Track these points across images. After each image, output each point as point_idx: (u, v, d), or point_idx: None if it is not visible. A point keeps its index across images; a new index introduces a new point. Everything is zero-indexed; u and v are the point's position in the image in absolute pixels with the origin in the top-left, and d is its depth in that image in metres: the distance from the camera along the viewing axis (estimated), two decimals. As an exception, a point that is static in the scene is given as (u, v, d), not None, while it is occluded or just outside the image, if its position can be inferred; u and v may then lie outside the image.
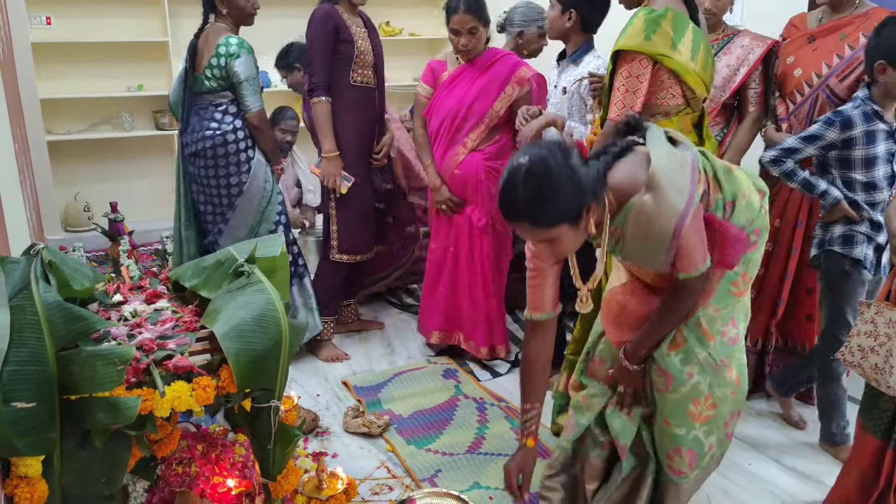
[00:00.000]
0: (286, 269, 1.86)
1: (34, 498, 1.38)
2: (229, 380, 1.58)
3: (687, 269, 1.74)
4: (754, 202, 1.85)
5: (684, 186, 1.68)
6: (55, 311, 1.45)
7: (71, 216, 5.14)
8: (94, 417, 1.43)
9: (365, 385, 3.06)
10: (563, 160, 1.65)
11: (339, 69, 3.14)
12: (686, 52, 2.21)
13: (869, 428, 2.07)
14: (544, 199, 1.63)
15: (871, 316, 2.01)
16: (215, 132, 2.99)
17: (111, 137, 5.19)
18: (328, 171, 3.18)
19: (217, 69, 2.95)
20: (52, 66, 4.93)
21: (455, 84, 3.11)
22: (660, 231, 1.68)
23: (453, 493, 2.24)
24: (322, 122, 3.15)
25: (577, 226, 1.66)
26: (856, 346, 2.05)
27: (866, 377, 2.03)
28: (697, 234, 1.72)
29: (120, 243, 3.95)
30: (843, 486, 2.18)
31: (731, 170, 1.85)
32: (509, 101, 3.05)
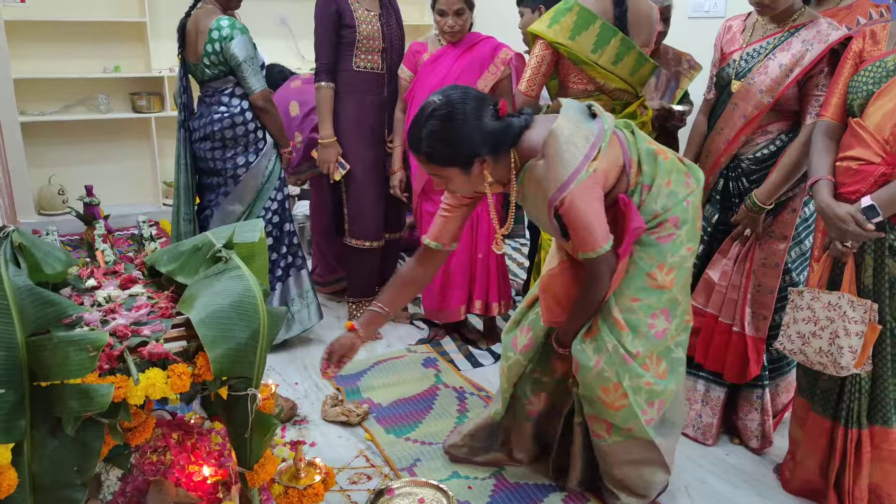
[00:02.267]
0: (265, 254, 1.82)
1: (3, 486, 1.34)
2: (205, 367, 1.54)
3: (583, 247, 1.84)
4: (677, 192, 1.93)
5: (573, 160, 1.77)
6: (25, 296, 1.41)
7: (45, 199, 5.04)
8: (65, 405, 1.39)
9: (344, 373, 3.03)
10: (472, 110, 1.78)
11: (342, 53, 3.15)
12: (586, 45, 2.43)
13: (817, 409, 2.14)
14: (439, 140, 1.78)
15: (808, 302, 2.07)
16: (223, 115, 2.99)
17: (87, 119, 5.09)
18: (324, 158, 3.23)
19: (214, 55, 2.91)
20: (26, 44, 4.82)
21: (437, 64, 3.09)
22: (543, 196, 1.80)
23: (432, 483, 2.23)
24: (322, 108, 3.18)
25: (469, 172, 1.82)
26: (794, 334, 2.11)
27: (809, 363, 2.09)
28: (590, 208, 1.79)
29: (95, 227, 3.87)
30: (803, 470, 2.24)
31: (656, 154, 1.94)
32: (493, 80, 3.04)
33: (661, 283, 1.93)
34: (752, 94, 2.30)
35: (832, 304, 2.01)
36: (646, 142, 1.98)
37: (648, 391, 1.97)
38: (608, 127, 1.86)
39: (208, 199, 3.15)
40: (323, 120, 3.20)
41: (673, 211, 1.92)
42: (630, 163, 1.91)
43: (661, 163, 1.94)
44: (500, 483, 2.31)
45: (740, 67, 2.35)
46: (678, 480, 2.35)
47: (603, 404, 1.98)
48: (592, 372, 1.95)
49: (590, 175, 1.78)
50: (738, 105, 2.34)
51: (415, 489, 2.22)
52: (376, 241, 3.40)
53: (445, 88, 1.85)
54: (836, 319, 2.00)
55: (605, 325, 1.95)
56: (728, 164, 2.41)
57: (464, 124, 1.78)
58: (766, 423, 2.48)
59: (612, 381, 1.94)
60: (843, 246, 1.97)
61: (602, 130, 1.84)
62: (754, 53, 2.33)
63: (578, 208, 1.79)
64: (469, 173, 1.83)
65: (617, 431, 2.03)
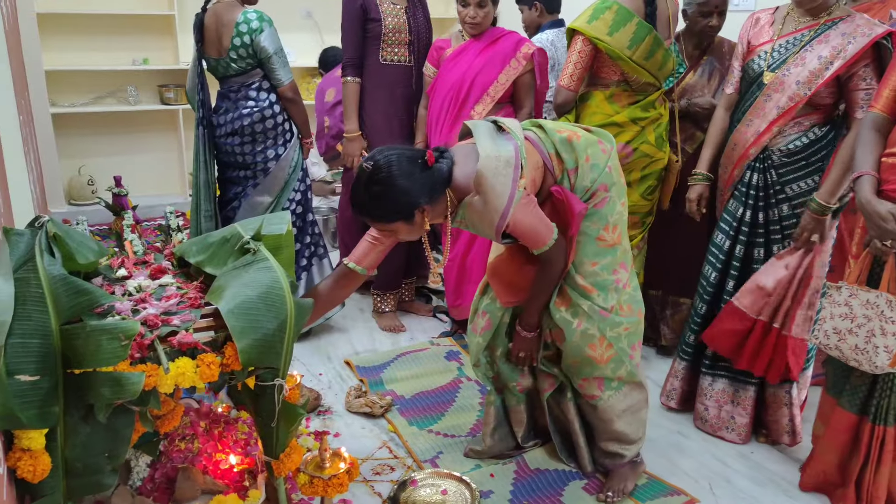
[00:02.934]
0: (291, 246, 1.84)
1: (37, 471, 1.37)
2: (234, 357, 1.56)
3: (536, 246, 2.02)
4: (598, 163, 2.08)
5: (505, 189, 1.92)
6: (59, 285, 1.43)
7: (75, 189, 5.12)
8: (97, 392, 1.42)
9: (368, 365, 3.05)
10: (405, 168, 1.91)
11: (369, 47, 3.16)
12: (623, 41, 2.60)
13: (844, 404, 2.13)
14: (381, 202, 1.92)
15: (846, 298, 2.05)
16: (253, 109, 3.01)
17: (116, 111, 5.16)
18: (348, 151, 3.26)
19: (243, 48, 2.92)
20: (58, 37, 4.88)
21: (459, 58, 3.08)
22: (489, 224, 1.96)
23: (455, 475, 2.24)
24: (347, 102, 3.20)
25: (412, 222, 1.95)
26: (830, 329, 2.09)
27: (845, 359, 2.07)
28: (531, 218, 1.97)
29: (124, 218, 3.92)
30: (820, 462, 2.25)
31: (569, 139, 2.08)
32: (515, 75, 3.03)
33: (610, 241, 2.11)
34: (787, 86, 2.27)
35: (870, 302, 1.99)
36: (556, 131, 2.10)
37: (628, 335, 2.17)
38: (520, 141, 2.00)
39: (234, 191, 3.18)
40: (348, 114, 3.21)
41: (599, 180, 2.08)
42: (549, 158, 2.07)
43: (576, 144, 2.08)
44: (521, 469, 2.32)
45: (773, 59, 2.32)
46: (702, 479, 2.34)
47: (592, 361, 2.15)
48: (577, 333, 2.12)
49: (522, 194, 1.94)
50: (771, 96, 2.31)
51: (438, 480, 2.23)
52: None
53: (378, 150, 1.97)
54: (873, 318, 1.98)
55: (575, 293, 2.12)
56: (757, 155, 2.38)
57: (401, 183, 1.90)
58: (795, 419, 2.46)
59: (596, 337, 2.12)
60: (882, 244, 1.94)
61: (517, 147, 1.98)
62: (788, 45, 2.30)
63: (523, 223, 1.97)
64: (412, 223, 1.96)
65: (608, 384, 2.20)
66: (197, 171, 3.11)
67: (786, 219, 2.37)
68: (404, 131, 3.30)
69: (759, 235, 2.41)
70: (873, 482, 2.09)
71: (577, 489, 2.24)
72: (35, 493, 1.42)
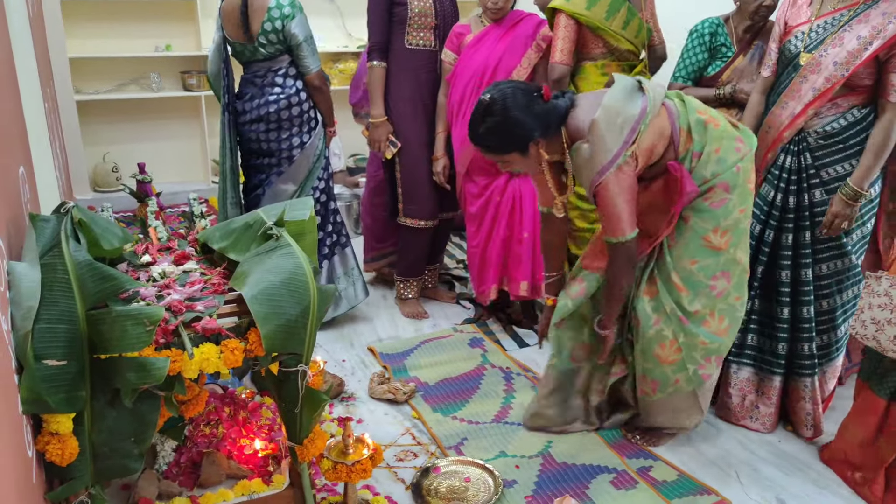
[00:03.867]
0: (314, 232, 1.83)
1: (65, 454, 1.38)
2: (257, 343, 1.56)
3: (608, 232, 2.04)
4: (727, 158, 2.04)
5: (613, 146, 1.95)
6: (85, 270, 1.44)
7: (99, 176, 5.16)
8: (123, 377, 1.43)
9: (391, 352, 3.05)
10: (521, 100, 1.99)
11: (395, 31, 3.14)
12: (600, 13, 2.77)
13: (875, 389, 2.13)
14: (496, 132, 2.02)
15: (885, 288, 2.03)
16: (279, 96, 3.00)
17: (139, 98, 5.18)
18: (374, 136, 3.24)
19: (273, 34, 2.91)
20: (81, 24, 4.91)
21: (480, 44, 3.05)
22: (587, 176, 2.01)
23: (478, 462, 2.24)
24: (373, 88, 3.18)
25: (526, 154, 2.05)
26: (869, 319, 2.07)
27: (882, 349, 2.06)
28: (620, 196, 1.97)
29: (148, 204, 3.95)
30: (843, 440, 2.26)
31: (706, 123, 2.06)
32: (536, 58, 3.00)
33: (716, 244, 2.08)
34: (824, 67, 2.21)
35: None
36: (696, 111, 2.08)
37: (704, 349, 2.17)
38: (651, 105, 2.00)
39: (258, 178, 3.17)
40: (374, 99, 3.19)
41: (723, 177, 2.04)
42: (678, 132, 2.05)
43: (712, 130, 2.05)
44: (547, 462, 2.30)
45: (810, 40, 2.25)
46: (729, 467, 2.31)
47: (656, 358, 2.20)
48: (652, 329, 2.16)
49: (626, 161, 1.96)
50: (807, 78, 2.25)
51: (461, 468, 2.23)
52: (430, 221, 3.35)
53: (494, 84, 2.07)
54: None
55: (665, 288, 2.14)
56: (792, 138, 2.32)
57: (516, 115, 1.99)
58: (815, 412, 2.42)
59: (668, 339, 2.16)
60: None
61: (644, 111, 1.98)
62: (826, 25, 2.23)
63: (610, 193, 1.97)
64: (527, 155, 2.06)
65: (663, 389, 2.26)
66: (223, 157, 3.10)
67: (817, 205, 2.31)
68: (430, 116, 3.26)
69: (789, 221, 2.36)
70: None
71: (605, 483, 2.21)
72: (63, 476, 1.44)
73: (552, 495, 2.14)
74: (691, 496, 2.16)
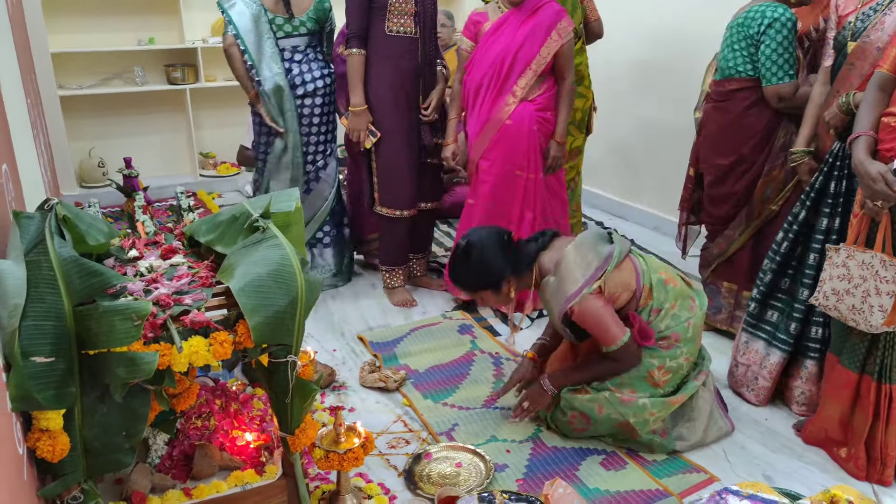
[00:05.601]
0: (301, 224, 1.84)
1: (56, 451, 1.39)
2: (246, 335, 1.57)
3: (604, 343, 2.18)
4: (680, 315, 2.24)
5: (578, 279, 2.16)
6: (71, 267, 1.44)
7: (86, 172, 5.14)
8: (112, 372, 1.43)
9: (381, 340, 3.06)
10: (493, 246, 2.28)
11: (374, 18, 3.11)
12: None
13: (844, 362, 2.17)
14: (472, 274, 2.33)
15: (843, 260, 2.08)
16: (324, 73, 3.33)
17: (123, 92, 5.15)
18: (354, 125, 3.20)
19: (320, 12, 3.28)
20: (63, 19, 4.86)
21: (499, 32, 3.02)
22: (556, 305, 2.20)
23: (469, 447, 2.26)
24: (352, 75, 3.15)
25: (498, 291, 2.32)
26: (829, 290, 2.13)
27: (843, 318, 2.11)
28: (601, 312, 2.15)
29: (135, 199, 3.95)
30: (821, 418, 2.29)
31: (665, 283, 2.25)
32: (556, 47, 2.99)
33: (656, 380, 2.24)
34: (868, 52, 2.20)
35: (865, 262, 2.02)
36: (657, 271, 2.28)
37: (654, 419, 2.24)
38: (618, 252, 2.21)
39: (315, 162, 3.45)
40: (353, 87, 3.15)
41: (675, 329, 2.22)
42: (642, 288, 2.23)
43: (671, 289, 2.25)
44: (537, 447, 2.32)
45: (856, 28, 2.24)
46: (717, 445, 2.34)
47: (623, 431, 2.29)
48: (600, 417, 2.25)
49: (592, 292, 2.14)
50: (854, 65, 2.24)
51: (452, 453, 2.25)
52: (406, 210, 3.33)
53: (472, 230, 2.37)
54: (868, 278, 2.01)
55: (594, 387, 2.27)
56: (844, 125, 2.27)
57: (490, 258, 2.28)
58: (810, 393, 2.45)
59: (620, 420, 2.24)
60: (873, 204, 1.95)
61: (611, 255, 2.19)
62: (870, 12, 2.23)
63: (588, 311, 2.15)
64: (499, 292, 2.32)
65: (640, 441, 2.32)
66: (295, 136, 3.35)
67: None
68: (410, 104, 3.23)
69: (827, 206, 2.32)
70: (885, 441, 2.11)
71: (594, 464, 2.24)
72: (55, 473, 1.44)
73: (543, 478, 2.17)
74: (680, 474, 2.19)
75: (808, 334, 2.43)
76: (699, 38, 3.72)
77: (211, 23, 5.23)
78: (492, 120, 3.07)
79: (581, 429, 2.32)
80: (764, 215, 2.79)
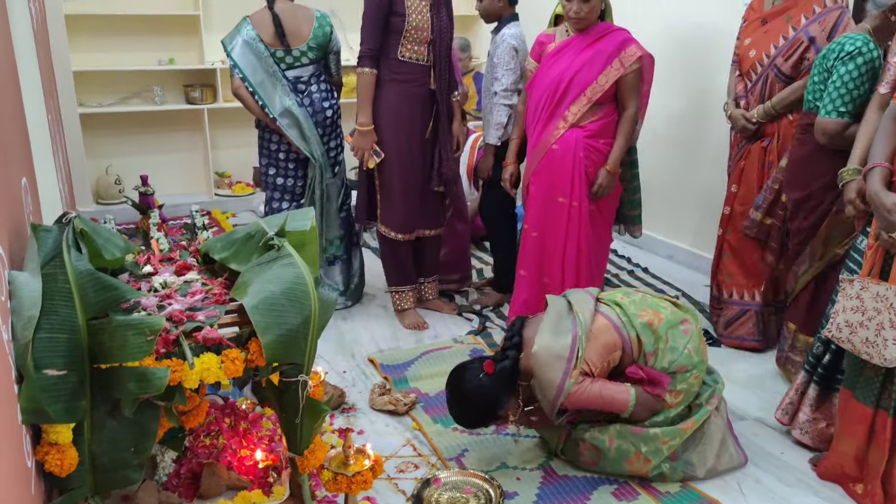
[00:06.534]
0: (315, 243, 1.84)
1: (64, 465, 1.38)
2: (258, 353, 1.57)
3: (617, 411, 2.19)
4: (677, 346, 2.20)
5: (554, 381, 2.15)
6: (86, 280, 1.45)
7: (102, 188, 5.19)
8: (123, 387, 1.43)
9: (391, 363, 3.05)
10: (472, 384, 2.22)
11: (389, 41, 3.10)
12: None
13: (858, 396, 2.13)
14: (470, 417, 2.30)
15: (857, 291, 2.06)
16: (325, 106, 3.36)
17: (142, 111, 5.22)
18: (359, 144, 3.19)
19: (320, 37, 3.29)
20: (85, 38, 4.95)
21: (560, 55, 2.97)
22: (547, 405, 2.21)
23: (480, 474, 2.23)
24: (361, 94, 3.14)
25: (504, 417, 2.29)
26: (843, 322, 2.10)
27: (856, 351, 2.08)
28: (593, 394, 2.15)
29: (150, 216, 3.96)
30: (836, 454, 2.24)
31: (650, 324, 2.21)
32: (616, 76, 2.88)
33: (668, 403, 2.23)
34: None
35: (880, 294, 1.99)
36: (637, 316, 2.23)
37: (668, 447, 2.22)
38: (582, 329, 2.18)
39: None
40: (362, 106, 3.13)
41: (678, 361, 2.20)
42: (629, 340, 2.21)
43: (657, 328, 2.22)
44: (548, 475, 2.29)
45: None
46: (731, 478, 2.30)
47: (633, 471, 2.25)
48: (612, 450, 2.24)
49: (574, 383, 2.14)
50: None
51: (462, 479, 2.22)
52: (402, 234, 3.31)
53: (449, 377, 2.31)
54: (882, 311, 1.99)
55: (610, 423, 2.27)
56: None
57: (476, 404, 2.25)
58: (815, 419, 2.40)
59: (632, 452, 2.22)
60: (888, 236, 1.94)
61: (575, 338, 2.17)
62: None
63: (581, 399, 2.15)
64: (505, 417, 2.30)
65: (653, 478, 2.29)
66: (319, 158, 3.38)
67: None
68: (415, 130, 3.20)
69: None
70: None
71: (606, 494, 2.20)
72: (63, 487, 1.44)
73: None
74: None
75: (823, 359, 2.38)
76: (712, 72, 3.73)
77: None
78: (541, 143, 3.01)
79: (591, 462, 2.28)
80: (827, 258, 2.66)
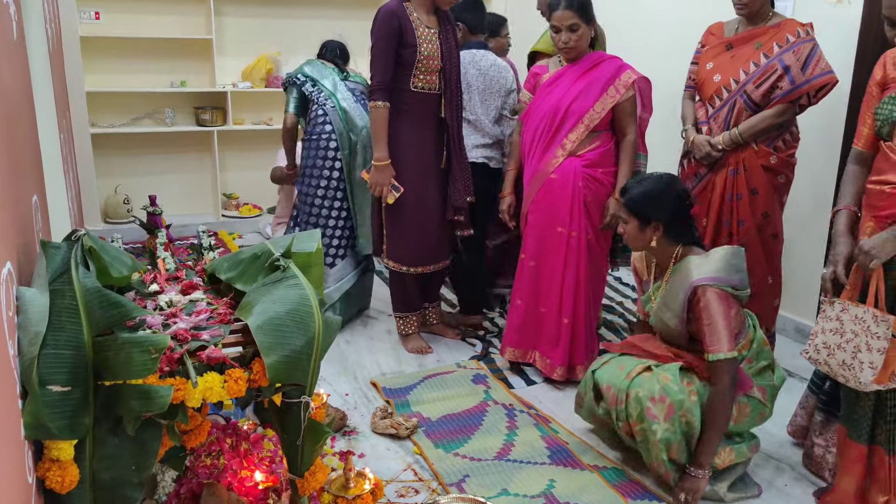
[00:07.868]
0: (321, 264, 1.85)
1: (65, 482, 1.38)
2: (261, 373, 1.57)
3: (711, 346, 2.13)
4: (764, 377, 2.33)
5: (721, 271, 2.17)
6: (93, 297, 1.46)
7: (111, 208, 5.23)
8: (126, 404, 1.43)
9: (394, 386, 3.04)
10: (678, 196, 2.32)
11: (401, 73, 3.06)
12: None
13: (852, 435, 2.13)
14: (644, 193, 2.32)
15: (837, 313, 2.06)
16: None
17: (153, 132, 5.27)
18: (377, 180, 3.10)
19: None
20: (99, 60, 5.02)
21: (555, 85, 2.99)
22: (687, 281, 2.20)
23: (480, 500, 2.21)
24: (377, 129, 3.07)
25: (644, 228, 2.31)
26: (821, 344, 2.11)
27: (833, 374, 2.09)
28: (722, 314, 2.14)
29: (157, 236, 3.99)
30: (838, 492, 2.23)
31: (765, 343, 2.34)
32: (612, 103, 2.90)
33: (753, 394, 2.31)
34: None
35: (858, 317, 2.01)
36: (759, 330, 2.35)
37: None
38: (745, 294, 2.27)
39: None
40: (378, 141, 3.06)
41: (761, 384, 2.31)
42: (746, 337, 2.29)
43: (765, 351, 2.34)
44: (549, 502, 2.27)
45: None
46: (734, 509, 2.28)
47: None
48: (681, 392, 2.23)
49: (728, 291, 2.17)
50: None
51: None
52: (410, 268, 3.29)
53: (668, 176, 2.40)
54: (860, 333, 2.00)
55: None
56: None
57: (665, 194, 2.29)
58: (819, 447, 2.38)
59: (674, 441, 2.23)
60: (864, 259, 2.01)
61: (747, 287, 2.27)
62: None
63: (712, 305, 2.15)
64: (644, 230, 2.31)
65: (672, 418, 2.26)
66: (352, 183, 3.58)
67: None
68: (430, 162, 3.20)
69: None
70: None
71: (605, 518, 2.19)
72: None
73: (554, 535, 2.11)
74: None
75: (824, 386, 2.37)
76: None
77: (241, 69, 5.36)
78: (539, 172, 3.01)
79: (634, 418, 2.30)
80: None
